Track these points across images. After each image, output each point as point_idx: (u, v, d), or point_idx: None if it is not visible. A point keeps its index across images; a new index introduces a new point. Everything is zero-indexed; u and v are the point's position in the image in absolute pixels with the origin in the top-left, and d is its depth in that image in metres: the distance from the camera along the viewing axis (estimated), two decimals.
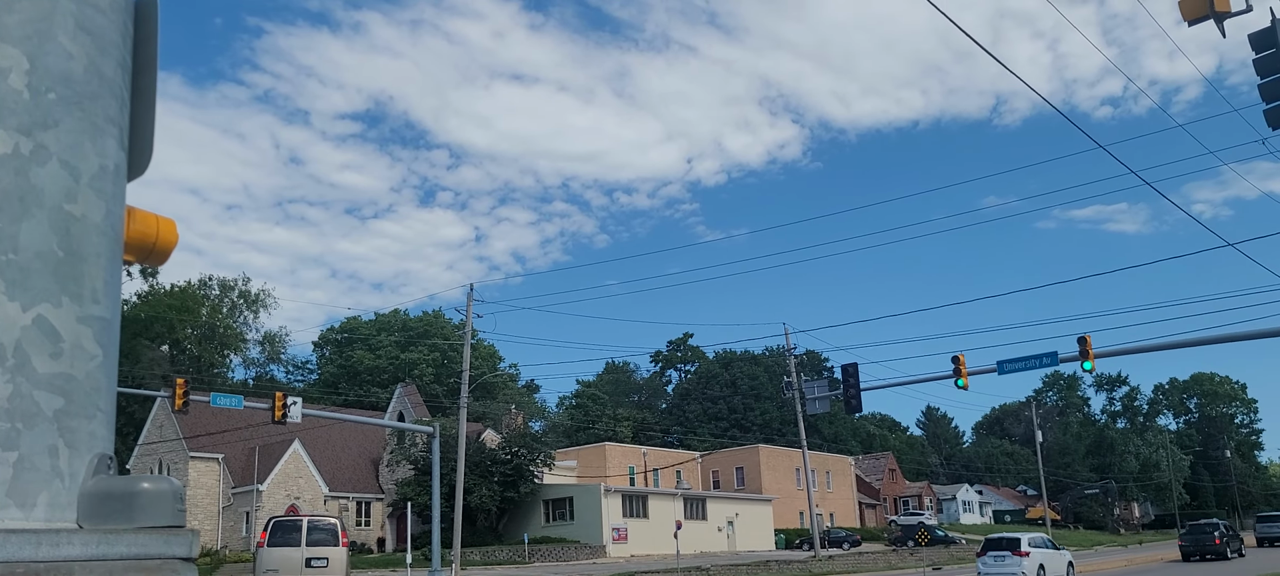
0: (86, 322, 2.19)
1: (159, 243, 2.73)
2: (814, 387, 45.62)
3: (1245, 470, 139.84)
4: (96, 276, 2.23)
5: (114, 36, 2.38)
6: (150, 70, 2.56)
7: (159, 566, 2.12)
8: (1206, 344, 32.13)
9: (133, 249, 2.62)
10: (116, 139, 2.35)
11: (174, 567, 2.15)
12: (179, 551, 2.18)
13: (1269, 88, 15.57)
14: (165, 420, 61.56)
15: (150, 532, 2.13)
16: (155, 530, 2.14)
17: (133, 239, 2.60)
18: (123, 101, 2.41)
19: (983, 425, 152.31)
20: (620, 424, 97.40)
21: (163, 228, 2.74)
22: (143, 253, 2.70)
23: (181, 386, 35.65)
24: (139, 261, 2.75)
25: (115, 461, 2.26)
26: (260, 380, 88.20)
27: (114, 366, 2.30)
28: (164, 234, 2.74)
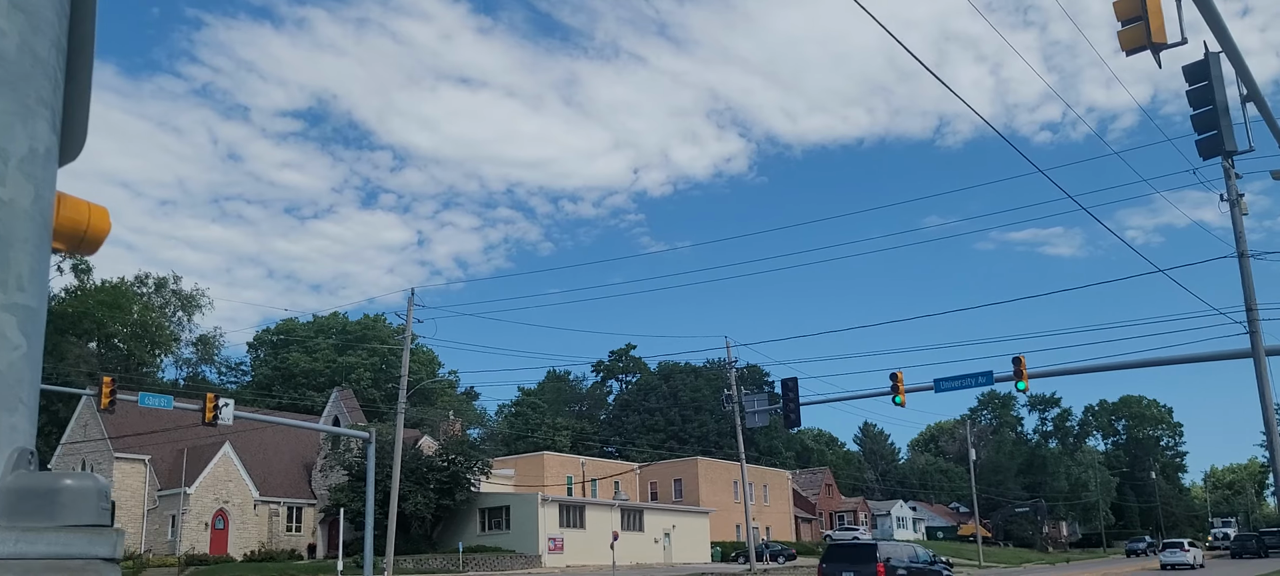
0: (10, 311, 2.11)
1: (91, 230, 2.64)
2: (754, 401, 45.93)
3: (1169, 491, 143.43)
4: (22, 263, 2.15)
5: (49, 15, 2.30)
6: (86, 52, 2.48)
7: (82, 567, 2.04)
8: (1136, 367, 32.94)
9: (63, 236, 2.53)
10: (48, 122, 2.27)
11: (97, 568, 2.07)
12: (103, 551, 2.10)
13: (1201, 119, 16.00)
14: (90, 419, 60.00)
15: (73, 531, 2.05)
16: (78, 528, 2.06)
17: (63, 226, 2.51)
18: (56, 83, 2.33)
19: (918, 442, 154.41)
20: (559, 433, 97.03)
21: (94, 215, 2.65)
22: (73, 240, 2.61)
23: (108, 385, 34.84)
24: (69, 249, 2.66)
25: (36, 457, 2.17)
26: (192, 381, 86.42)
27: (38, 358, 2.21)
28: (96, 221, 2.65)
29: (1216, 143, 16.08)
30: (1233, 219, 23.91)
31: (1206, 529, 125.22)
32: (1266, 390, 24.10)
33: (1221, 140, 15.95)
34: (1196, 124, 16.17)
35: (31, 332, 2.17)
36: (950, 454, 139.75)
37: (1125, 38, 13.01)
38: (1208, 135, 16.11)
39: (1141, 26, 12.87)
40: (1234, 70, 16.18)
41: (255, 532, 62.47)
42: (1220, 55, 15.63)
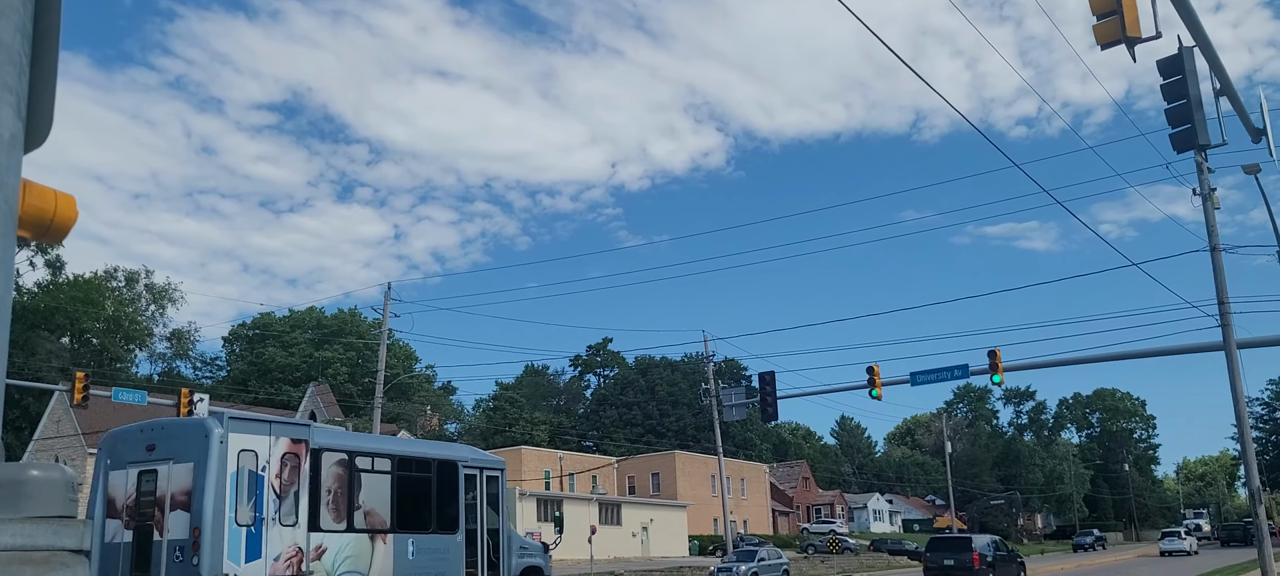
0: None
1: (57, 218, 2.59)
2: (731, 395, 45.99)
3: (1142, 483, 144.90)
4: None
5: (14, 1, 2.26)
6: (52, 39, 2.43)
7: (47, 558, 2.01)
8: (1109, 360, 33.23)
9: (28, 224, 2.48)
10: (13, 108, 2.23)
11: (63, 560, 2.03)
12: (69, 542, 2.07)
13: (1175, 113, 16.14)
14: (63, 415, 59.43)
15: (38, 522, 2.02)
16: (44, 520, 2.03)
17: (29, 214, 2.46)
18: (21, 69, 2.28)
19: (895, 436, 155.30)
20: (537, 427, 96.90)
21: (61, 203, 2.60)
22: (39, 228, 2.56)
23: (81, 380, 34.52)
24: (35, 238, 2.61)
25: (2, 449, 2.14)
26: (166, 376, 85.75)
27: (4, 348, 2.17)
28: (62, 209, 2.60)
29: (1190, 136, 16.22)
30: (1205, 213, 24.12)
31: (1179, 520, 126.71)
32: (1238, 383, 24.35)
33: (1195, 134, 16.09)
34: (1170, 118, 16.30)
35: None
36: (926, 447, 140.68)
37: (1100, 32, 13.09)
38: (1181, 129, 16.25)
39: (1116, 21, 12.96)
40: (1208, 65, 16.32)
41: None
42: (1194, 50, 15.75)
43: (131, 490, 15.91)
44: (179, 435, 16.06)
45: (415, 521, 18.30)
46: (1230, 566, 45.40)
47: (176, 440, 15.89)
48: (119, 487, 16.11)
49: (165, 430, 16.36)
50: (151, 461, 15.89)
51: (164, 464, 15.64)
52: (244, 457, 15.58)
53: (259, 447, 15.86)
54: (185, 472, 15.24)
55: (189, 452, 15.37)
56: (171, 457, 15.64)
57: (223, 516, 14.92)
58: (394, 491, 17.93)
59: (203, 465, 15.06)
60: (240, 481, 15.36)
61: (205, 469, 15.02)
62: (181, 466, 15.34)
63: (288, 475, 16.10)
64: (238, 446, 15.53)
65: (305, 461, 16.46)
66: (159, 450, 15.90)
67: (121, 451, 16.51)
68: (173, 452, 15.69)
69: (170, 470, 15.50)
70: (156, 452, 15.89)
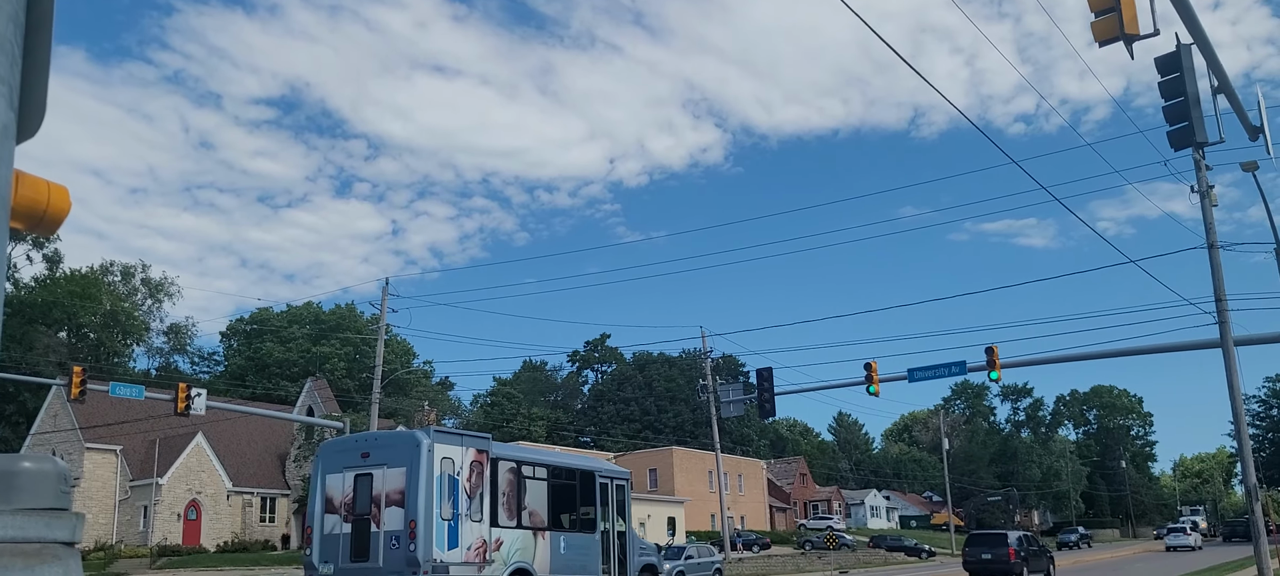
0: None
1: (50, 210, 2.58)
2: (729, 391, 46.02)
3: (1139, 480, 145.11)
4: None
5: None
6: (45, 28, 2.42)
7: (39, 551, 2.00)
8: (1107, 357, 33.26)
9: (21, 215, 2.47)
10: (5, 98, 2.22)
11: (55, 552, 2.02)
12: (61, 535, 2.06)
13: (1172, 110, 16.14)
14: (60, 409, 59.38)
15: (30, 514, 2.00)
16: (36, 511, 2.02)
17: (21, 205, 2.46)
18: (13, 59, 2.27)
19: (892, 432, 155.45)
20: (535, 423, 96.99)
21: (54, 194, 2.59)
22: (32, 220, 2.55)
23: (79, 375, 34.47)
24: (28, 229, 2.60)
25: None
26: (164, 371, 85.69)
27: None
28: (56, 201, 2.59)
29: (1188, 134, 16.22)
30: (1203, 210, 24.12)
31: (1175, 517, 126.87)
32: (1235, 380, 24.38)
33: (1193, 131, 16.10)
34: (1168, 115, 16.30)
35: None
36: (924, 443, 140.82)
37: (1098, 28, 13.09)
38: (1179, 126, 16.25)
39: (1114, 17, 12.95)
40: (1205, 62, 16.31)
41: (228, 523, 62.07)
42: (1192, 47, 15.75)
43: (348, 490, 18.55)
44: (392, 445, 18.89)
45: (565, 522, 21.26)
46: (1228, 563, 45.53)
47: (390, 449, 18.65)
48: (336, 488, 18.81)
49: (378, 441, 19.59)
50: (366, 466, 18.52)
51: (378, 469, 18.33)
52: (444, 464, 18.26)
53: (455, 456, 18.58)
54: (399, 476, 17.98)
55: (402, 459, 18.16)
56: (385, 463, 18.30)
57: (432, 511, 17.71)
58: (549, 496, 20.81)
59: (415, 469, 17.83)
60: (442, 484, 18.08)
61: (417, 472, 17.80)
62: (395, 470, 18.07)
63: (475, 479, 18.87)
64: (440, 454, 18.24)
65: (486, 469, 19.23)
66: (373, 457, 18.61)
67: (337, 458, 19.25)
68: (386, 459, 18.38)
69: (384, 474, 18.20)
70: (371, 459, 18.60)
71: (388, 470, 18.19)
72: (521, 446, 25.21)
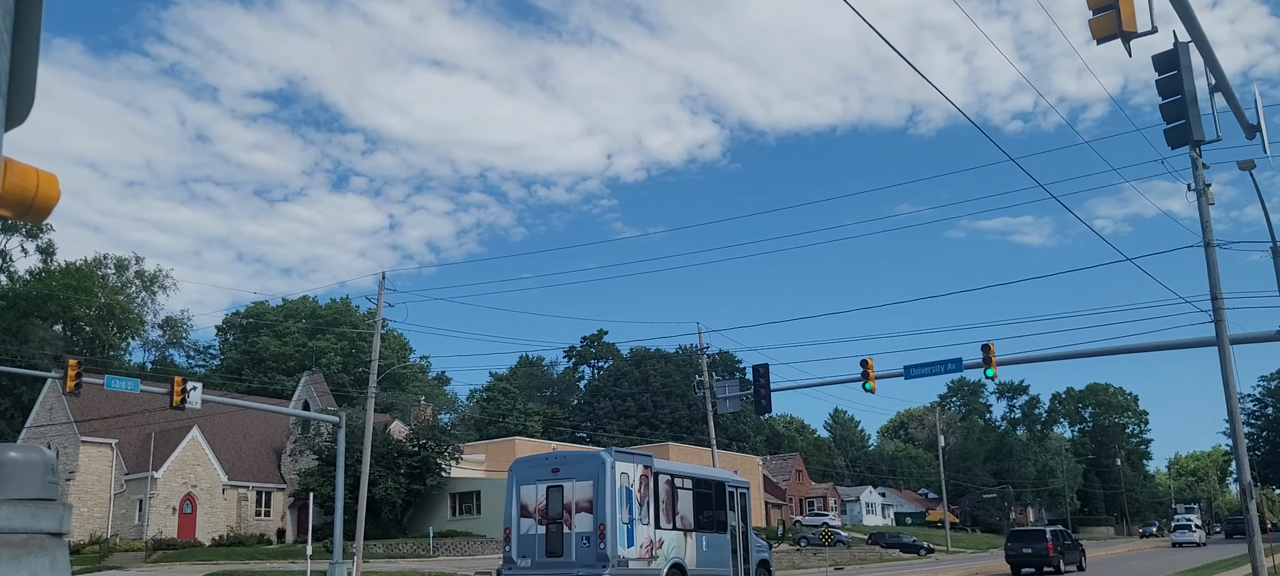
0: None
1: (39, 197, 2.55)
2: (725, 387, 46.01)
3: (1134, 478, 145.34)
4: None
5: None
6: (33, 14, 2.39)
7: (25, 541, 1.96)
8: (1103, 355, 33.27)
9: (10, 203, 2.44)
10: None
11: (42, 543, 1.99)
12: (48, 525, 2.03)
13: (1170, 108, 16.13)
14: (56, 402, 59.31)
15: (16, 504, 1.97)
16: (22, 502, 1.99)
17: (10, 192, 2.43)
18: (2, 46, 2.24)
19: (888, 429, 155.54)
20: (531, 418, 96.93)
21: (43, 182, 2.56)
22: (21, 207, 2.52)
23: (74, 367, 34.37)
24: (17, 216, 2.57)
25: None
26: (159, 364, 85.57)
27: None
28: (44, 188, 2.56)
29: (1185, 132, 16.22)
30: (1199, 209, 24.12)
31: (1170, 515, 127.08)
32: (1231, 378, 24.40)
33: (1190, 130, 16.09)
34: (1165, 113, 16.29)
35: None
36: (919, 440, 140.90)
37: (1096, 26, 13.07)
38: (1176, 124, 16.25)
39: (1112, 15, 12.93)
40: (1203, 60, 16.31)
41: (224, 517, 62.03)
42: (1189, 45, 15.74)
43: (541, 499, 22.05)
44: (581, 462, 22.45)
45: (704, 524, 24.65)
46: (1222, 560, 45.67)
47: (578, 465, 22.27)
48: (530, 497, 22.32)
49: (568, 459, 23.08)
50: (557, 480, 22.02)
51: (568, 481, 21.85)
52: (622, 477, 21.73)
53: (629, 471, 22.06)
54: (587, 487, 21.50)
55: (589, 474, 21.66)
56: (574, 477, 21.79)
57: (616, 516, 21.20)
58: (693, 503, 24.31)
59: (601, 482, 21.30)
60: (622, 494, 21.55)
61: (603, 485, 21.26)
62: (583, 483, 21.58)
63: (643, 490, 22.33)
64: (619, 470, 21.69)
65: (651, 481, 22.71)
66: (563, 472, 22.12)
67: (530, 472, 22.79)
68: (575, 474, 21.87)
69: (574, 486, 21.71)
70: (561, 474, 22.09)
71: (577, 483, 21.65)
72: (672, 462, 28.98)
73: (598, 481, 21.36)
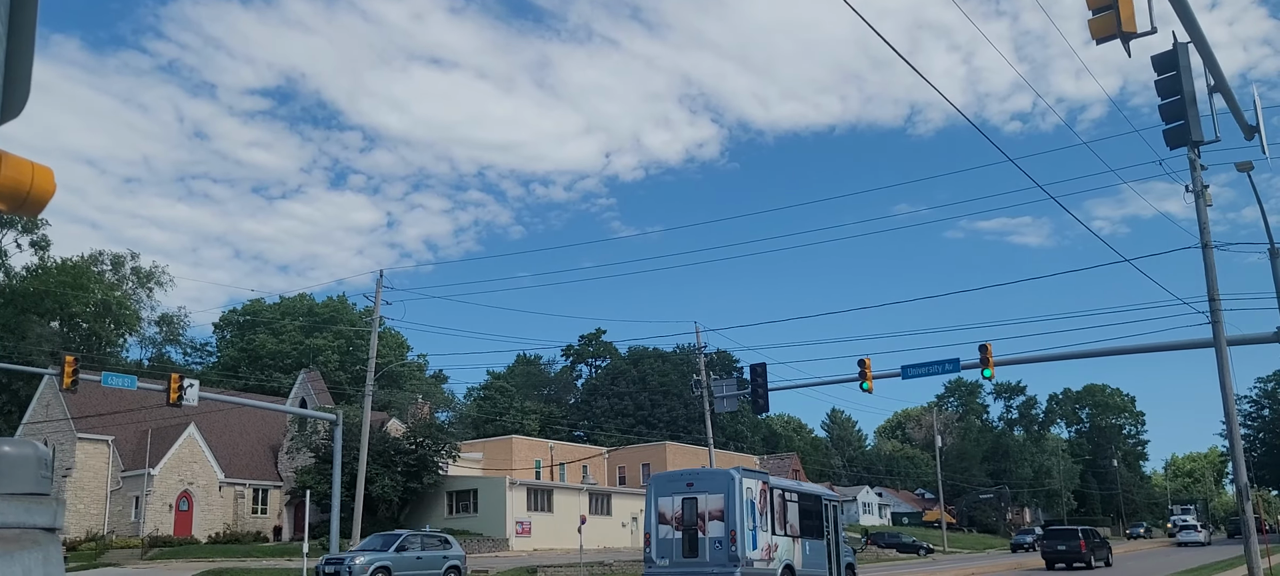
0: None
1: (34, 190, 2.53)
2: (723, 387, 45.99)
3: (1131, 479, 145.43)
4: None
5: None
6: (30, 8, 2.37)
7: (18, 536, 1.94)
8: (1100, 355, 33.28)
9: (5, 196, 2.42)
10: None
11: (35, 537, 1.97)
12: (42, 520, 2.01)
13: (1169, 109, 16.13)
14: (52, 399, 59.22)
15: (9, 499, 1.96)
16: (15, 497, 1.97)
17: (5, 185, 2.41)
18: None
19: (885, 429, 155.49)
20: (528, 417, 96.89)
21: (38, 175, 2.54)
22: (16, 200, 2.50)
23: (71, 364, 34.35)
24: (11, 210, 2.55)
25: None
26: (156, 361, 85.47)
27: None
28: (40, 181, 2.54)
29: (1183, 133, 16.22)
30: (1197, 210, 24.11)
31: (1166, 515, 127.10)
32: (1228, 380, 24.41)
33: (1189, 130, 16.09)
34: (1164, 114, 16.29)
35: None
36: (916, 441, 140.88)
37: (1096, 26, 13.07)
38: (1175, 125, 16.25)
39: (1112, 15, 12.92)
40: (1202, 61, 16.31)
41: (220, 514, 61.98)
42: (1189, 46, 15.74)
43: (678, 509, 25.29)
44: (712, 478, 25.68)
45: (807, 531, 27.87)
46: (1219, 561, 45.81)
47: (710, 481, 25.44)
48: (666, 507, 25.54)
49: (700, 475, 26.37)
50: (691, 492, 25.21)
51: (701, 494, 25.11)
52: (747, 492, 24.94)
53: (752, 486, 25.37)
54: (718, 499, 24.70)
55: (720, 488, 24.85)
56: (706, 491, 25.03)
57: (743, 524, 24.40)
58: (799, 513, 27.60)
59: (731, 495, 24.55)
60: (747, 505, 24.75)
61: (733, 497, 24.51)
62: (715, 496, 24.79)
63: (761, 501, 25.53)
64: (745, 485, 24.97)
65: (768, 494, 25.99)
66: (696, 486, 25.35)
67: (667, 486, 26.12)
68: (707, 488, 25.10)
69: (706, 498, 24.96)
70: (694, 487, 25.32)
71: (709, 495, 24.91)
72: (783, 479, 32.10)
73: (728, 494, 24.60)
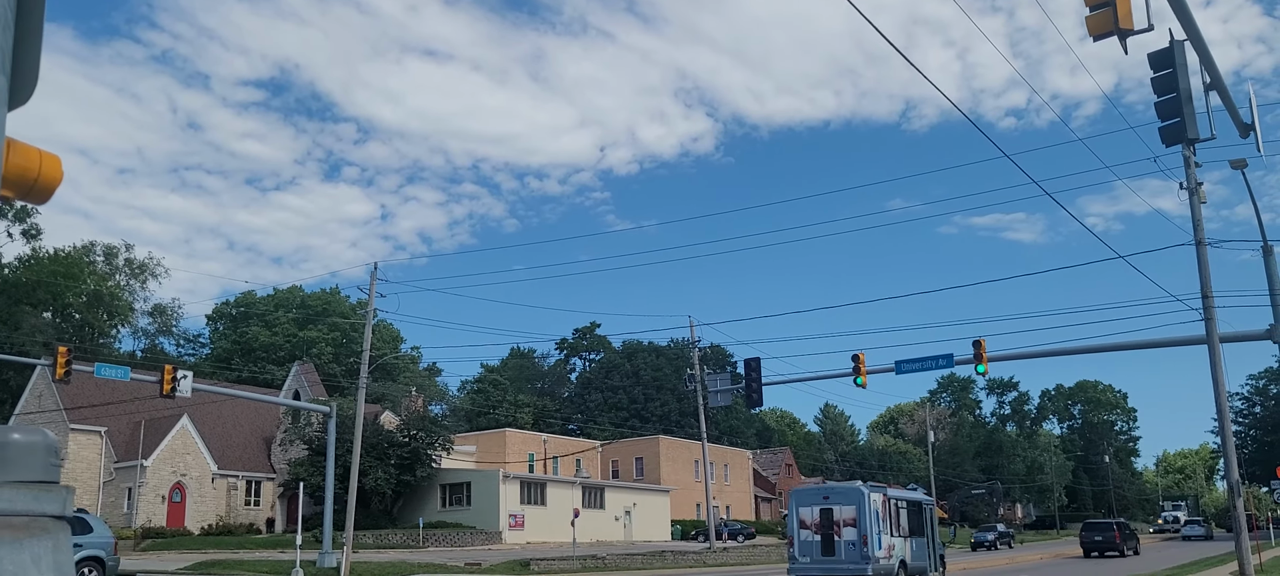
0: None
1: (41, 178, 2.53)
2: (716, 381, 45.98)
3: (1122, 475, 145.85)
4: None
5: None
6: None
7: (27, 524, 1.95)
8: (1093, 352, 33.37)
9: (12, 183, 2.42)
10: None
11: (44, 525, 1.98)
12: (51, 508, 2.01)
13: (1165, 106, 16.15)
14: (45, 389, 59.07)
15: (18, 487, 1.96)
16: (25, 484, 1.97)
17: (12, 172, 2.40)
18: (6, 24, 2.22)
19: (878, 424, 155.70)
20: (521, 410, 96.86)
21: (46, 162, 2.54)
22: (23, 188, 2.50)
23: (64, 355, 34.28)
24: (19, 197, 2.55)
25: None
26: (149, 352, 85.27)
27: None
28: (47, 169, 2.54)
29: (1179, 130, 16.25)
30: (1192, 207, 24.14)
31: (1158, 512, 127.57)
32: (1220, 377, 24.48)
33: (1184, 127, 16.12)
34: (1160, 111, 16.31)
35: None
36: (909, 436, 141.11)
37: (1093, 22, 13.08)
38: (1171, 122, 16.27)
39: (1109, 12, 12.94)
40: (1198, 59, 16.33)
41: (213, 506, 61.90)
42: (1185, 43, 15.76)
43: (815, 517, 30.41)
44: (845, 492, 30.92)
45: (913, 531, 33.05)
46: (1210, 558, 46.14)
47: (843, 495, 30.72)
48: (806, 515, 30.64)
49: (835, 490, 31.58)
50: (827, 504, 30.26)
51: (836, 505, 30.25)
52: (874, 502, 30.13)
53: (876, 498, 30.46)
54: (851, 510, 29.94)
55: (852, 500, 30.08)
56: (841, 503, 30.23)
57: (872, 529, 29.54)
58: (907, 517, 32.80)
59: (862, 507, 29.80)
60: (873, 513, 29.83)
61: (863, 508, 29.75)
62: (848, 507, 30.03)
63: (882, 510, 30.60)
64: (872, 498, 30.14)
65: (887, 504, 31.03)
66: (831, 499, 30.50)
67: (806, 498, 31.59)
68: (841, 500, 30.28)
69: (841, 508, 30.11)
70: (830, 500, 30.41)
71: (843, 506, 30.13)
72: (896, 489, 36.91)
73: (859, 506, 29.90)
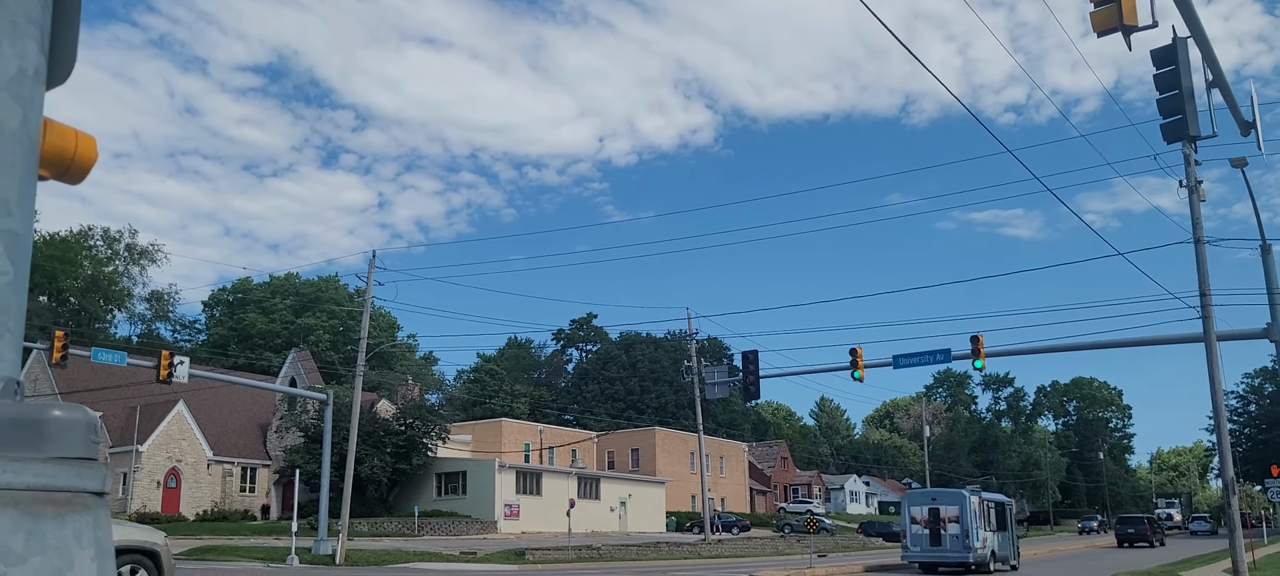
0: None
1: (77, 158, 2.55)
2: (713, 373, 46.08)
3: (1116, 472, 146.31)
4: (9, 187, 2.07)
5: None
6: None
7: (68, 499, 1.97)
8: (1090, 348, 33.51)
9: (49, 163, 2.44)
10: (37, 41, 2.18)
11: (85, 502, 2.00)
12: (91, 485, 2.04)
13: (1167, 103, 16.18)
14: (40, 374, 59.02)
15: (60, 463, 1.98)
16: (66, 460, 1.99)
17: (49, 152, 2.42)
18: (45, 1, 2.24)
19: (874, 419, 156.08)
20: (518, 400, 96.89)
21: (82, 143, 2.55)
22: (59, 167, 2.52)
23: (60, 339, 34.27)
24: (54, 177, 2.56)
25: (23, 387, 2.10)
26: (146, 338, 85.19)
27: (24, 284, 2.13)
28: (82, 149, 2.56)
29: (1181, 127, 16.27)
30: (1191, 205, 24.16)
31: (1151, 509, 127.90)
32: (1217, 375, 24.54)
33: (1186, 125, 16.15)
34: (1162, 108, 16.33)
35: (18, 259, 2.10)
36: (905, 430, 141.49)
37: (1098, 18, 13.09)
38: (1172, 119, 16.30)
39: (1114, 8, 12.95)
40: (1201, 56, 16.35)
41: (208, 492, 61.93)
42: (1188, 40, 15.78)
43: (924, 514, 35.30)
44: (949, 495, 36.26)
45: (998, 526, 37.44)
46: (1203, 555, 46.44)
47: (948, 498, 35.91)
48: (916, 513, 35.54)
49: (940, 493, 37.26)
50: (934, 504, 35.39)
51: (942, 505, 35.26)
52: (973, 502, 34.91)
53: (974, 500, 35.25)
54: (954, 509, 34.79)
55: (955, 502, 35.13)
56: (945, 504, 35.27)
57: (973, 524, 34.38)
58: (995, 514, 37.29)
59: (964, 507, 34.60)
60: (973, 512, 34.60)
61: (965, 508, 34.53)
62: (951, 506, 34.98)
63: (979, 509, 35.34)
64: (972, 499, 35.02)
65: (981, 503, 35.75)
66: (938, 501, 35.69)
67: (917, 498, 37.13)
68: (946, 502, 35.40)
69: (946, 508, 35.07)
70: (936, 502, 35.60)
71: (947, 506, 35.08)
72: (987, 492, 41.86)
73: (961, 506, 34.68)
